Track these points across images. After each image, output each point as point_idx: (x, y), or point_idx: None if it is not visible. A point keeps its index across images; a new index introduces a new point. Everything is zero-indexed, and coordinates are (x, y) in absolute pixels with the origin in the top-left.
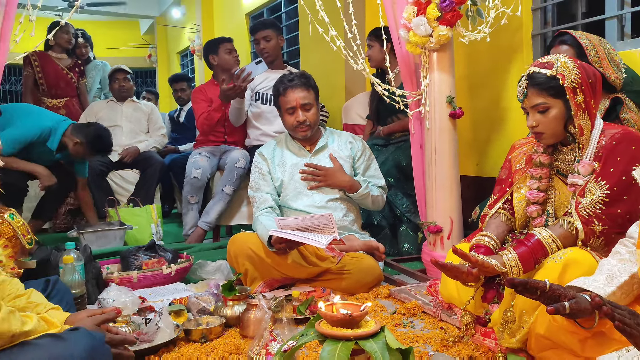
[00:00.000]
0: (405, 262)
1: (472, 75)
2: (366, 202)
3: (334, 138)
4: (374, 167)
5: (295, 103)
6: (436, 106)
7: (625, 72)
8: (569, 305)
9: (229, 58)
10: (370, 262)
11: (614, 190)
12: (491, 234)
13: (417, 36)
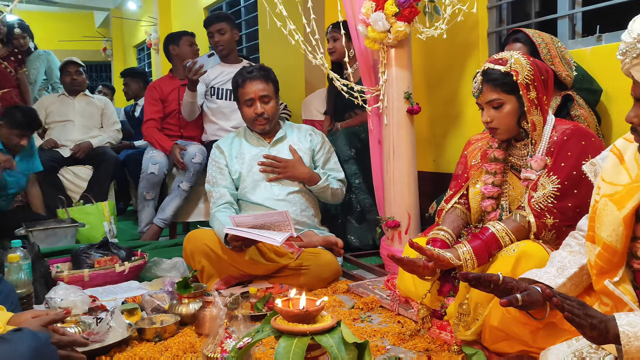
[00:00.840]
0: (364, 257)
1: (429, 71)
2: (325, 195)
3: (293, 130)
4: (334, 160)
5: (254, 95)
6: (394, 102)
7: (575, 70)
8: (521, 297)
9: (189, 50)
10: (329, 258)
11: (564, 184)
12: (447, 228)
13: (375, 32)
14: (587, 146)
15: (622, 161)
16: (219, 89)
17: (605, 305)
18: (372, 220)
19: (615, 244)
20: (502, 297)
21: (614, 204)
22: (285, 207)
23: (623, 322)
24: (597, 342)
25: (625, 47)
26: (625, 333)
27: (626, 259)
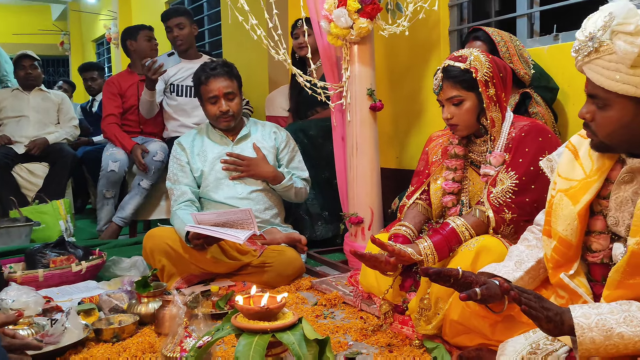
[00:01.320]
0: (327, 253)
1: (392, 68)
2: (289, 194)
3: (257, 128)
4: (298, 159)
5: (218, 92)
6: (357, 98)
7: (533, 68)
8: (480, 291)
9: (147, 45)
10: (292, 255)
11: (522, 179)
12: (409, 224)
13: (338, 28)
14: (544, 142)
15: (577, 157)
16: (178, 85)
17: (561, 297)
18: (314, 215)
19: (570, 238)
20: (461, 291)
21: (569, 198)
22: (248, 205)
23: (578, 313)
24: (552, 334)
25: (578, 44)
26: (580, 324)
27: (581, 253)
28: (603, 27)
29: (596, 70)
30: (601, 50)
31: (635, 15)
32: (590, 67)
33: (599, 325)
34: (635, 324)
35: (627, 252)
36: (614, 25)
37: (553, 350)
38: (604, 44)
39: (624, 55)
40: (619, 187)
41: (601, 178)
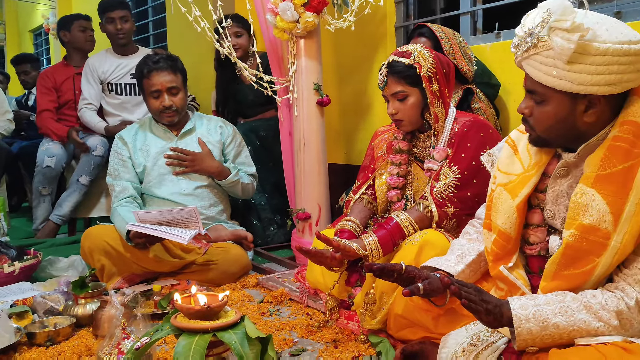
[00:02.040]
0: (275, 250)
1: (340, 64)
2: (236, 190)
3: (202, 122)
4: (245, 154)
5: (161, 87)
6: (304, 93)
7: (476, 65)
8: (422, 286)
9: (81, 36)
10: (238, 252)
11: (464, 174)
12: (354, 219)
13: (284, 21)
14: (485, 138)
15: (516, 152)
16: (116, 84)
17: (500, 290)
18: (266, 219)
19: (509, 231)
20: (405, 286)
21: (509, 192)
22: (192, 201)
23: (516, 305)
24: (492, 326)
25: (518, 40)
26: (518, 316)
27: (519, 245)
28: (541, 24)
29: (534, 65)
30: (539, 46)
31: (572, 13)
32: (529, 62)
33: (535, 316)
34: (569, 314)
35: (562, 244)
36: (551, 21)
37: (493, 342)
38: (542, 40)
39: (561, 51)
40: (555, 181)
41: (539, 172)
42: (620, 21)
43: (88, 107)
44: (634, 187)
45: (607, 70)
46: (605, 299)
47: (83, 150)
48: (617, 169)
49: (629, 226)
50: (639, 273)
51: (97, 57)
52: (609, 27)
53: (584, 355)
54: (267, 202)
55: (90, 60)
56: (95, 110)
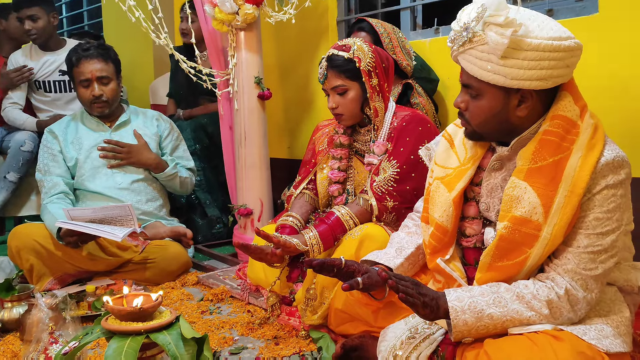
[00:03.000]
0: (217, 247)
1: (282, 58)
2: (174, 184)
3: (138, 115)
4: (183, 148)
5: (91, 75)
6: (245, 87)
7: (415, 60)
8: (361, 280)
9: (18, 27)
10: (177, 250)
11: (403, 168)
12: (296, 214)
13: (223, 13)
14: (424, 132)
15: (453, 145)
16: (45, 82)
17: (438, 282)
18: (212, 217)
19: (446, 224)
20: (345, 280)
21: (445, 186)
22: (128, 196)
23: (452, 297)
24: (429, 318)
25: (454, 35)
26: (454, 308)
27: (456, 238)
28: (476, 18)
29: (470, 60)
30: (474, 40)
31: (506, 8)
32: (465, 57)
33: (471, 308)
34: (503, 304)
35: (496, 236)
36: (486, 16)
37: (430, 334)
38: (477, 35)
39: (495, 46)
40: (490, 174)
41: (474, 166)
42: (551, 18)
43: (13, 106)
44: (563, 179)
45: (538, 66)
46: (536, 288)
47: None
48: (548, 162)
49: (558, 218)
50: (568, 263)
51: (20, 53)
52: (540, 23)
53: (516, 344)
54: (215, 200)
55: (13, 57)
56: (21, 108)
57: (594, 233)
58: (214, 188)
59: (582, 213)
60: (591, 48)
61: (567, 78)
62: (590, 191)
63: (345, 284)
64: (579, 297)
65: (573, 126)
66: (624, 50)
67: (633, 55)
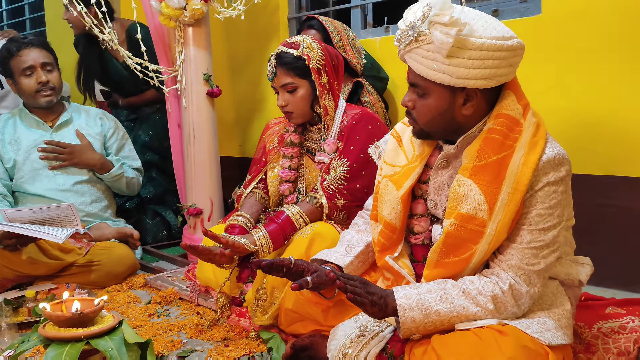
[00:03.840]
0: (165, 247)
1: (232, 54)
2: (120, 185)
3: (80, 114)
4: (129, 147)
5: (34, 62)
6: (193, 84)
7: (365, 58)
8: (311, 279)
9: None
10: (123, 251)
11: (353, 166)
12: (245, 214)
13: (169, 8)
14: (374, 130)
15: (401, 144)
16: None
17: (387, 280)
18: (160, 217)
19: (394, 222)
20: (294, 280)
21: (394, 184)
22: (71, 198)
23: (400, 295)
24: (378, 317)
25: (400, 34)
26: (402, 305)
27: (404, 235)
28: (422, 18)
29: (416, 59)
30: (420, 39)
31: (450, 8)
32: (411, 55)
33: (419, 305)
34: (449, 300)
35: (442, 233)
36: (431, 16)
37: (379, 331)
38: (423, 34)
39: (440, 45)
40: (437, 172)
41: (421, 164)
42: (495, 18)
43: None
44: (507, 177)
45: (482, 65)
46: (482, 284)
47: None
48: (492, 159)
49: (502, 214)
50: (512, 259)
51: None
52: (484, 23)
53: (462, 339)
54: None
55: None
56: None
57: (537, 229)
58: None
59: (524, 209)
60: (534, 48)
61: (511, 77)
62: (533, 188)
63: (294, 283)
64: (522, 292)
65: (516, 124)
66: (566, 51)
67: (574, 56)
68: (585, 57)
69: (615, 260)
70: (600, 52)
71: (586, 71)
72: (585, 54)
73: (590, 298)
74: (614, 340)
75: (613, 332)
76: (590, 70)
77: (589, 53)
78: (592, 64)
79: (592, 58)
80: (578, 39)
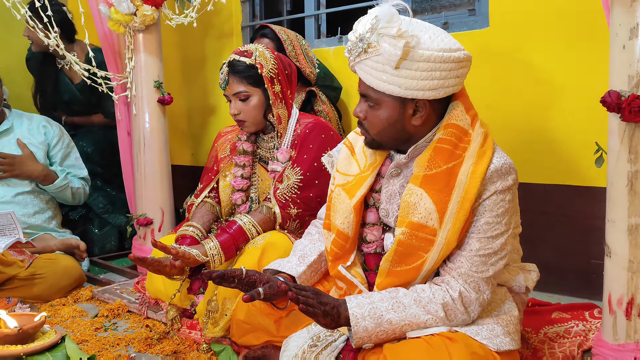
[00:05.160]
0: (114, 259)
1: (185, 61)
2: (65, 196)
3: (22, 122)
4: (75, 156)
5: None
6: (143, 91)
7: (318, 68)
8: (263, 290)
9: None
10: (68, 263)
11: (307, 175)
12: (196, 224)
13: (119, 14)
14: (327, 139)
15: (353, 153)
16: None
17: (340, 289)
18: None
19: (347, 231)
20: (246, 291)
21: (346, 193)
22: (13, 209)
23: (352, 304)
24: (330, 327)
25: (350, 45)
26: (354, 315)
27: (357, 244)
28: (370, 29)
29: (366, 70)
30: (369, 51)
31: (398, 20)
32: (361, 67)
33: (371, 314)
34: (401, 309)
35: (394, 242)
36: (379, 28)
37: (332, 341)
38: (372, 45)
39: (389, 57)
40: (389, 181)
41: (374, 173)
42: (443, 30)
43: None
44: (456, 186)
45: (430, 76)
46: (432, 292)
47: None
48: (442, 169)
49: (452, 223)
50: (461, 267)
51: None
52: (432, 35)
53: (413, 347)
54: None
55: None
56: None
57: (485, 237)
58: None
59: (473, 218)
60: (482, 60)
61: (459, 88)
62: (481, 197)
63: (246, 294)
64: (472, 299)
65: (465, 134)
66: (513, 63)
67: (521, 69)
68: (531, 70)
69: (560, 266)
70: (546, 65)
71: (533, 83)
72: (531, 66)
73: (537, 304)
74: (559, 345)
75: (559, 337)
76: (537, 82)
77: (535, 65)
78: (538, 76)
79: (539, 71)
80: (524, 51)
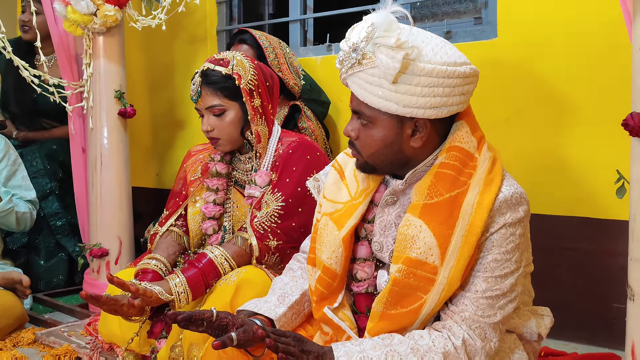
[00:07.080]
0: (62, 296)
1: (151, 69)
2: (8, 222)
3: None
4: (21, 175)
5: None
6: (102, 102)
7: (304, 80)
8: (236, 336)
9: None
10: (8, 300)
11: (289, 202)
12: (160, 256)
13: (77, 13)
14: (312, 161)
15: (343, 177)
16: None
17: (325, 334)
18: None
19: (334, 267)
20: (216, 336)
21: (334, 223)
22: None
23: (340, 353)
24: None
25: (343, 55)
26: None
27: (346, 282)
28: (366, 39)
29: (359, 84)
30: (364, 62)
31: (397, 29)
32: (354, 80)
33: None
34: (396, 359)
35: (389, 280)
36: (376, 37)
37: None
38: (367, 56)
39: (386, 70)
40: (383, 210)
41: (366, 200)
42: (447, 41)
43: None
44: (460, 217)
45: (432, 93)
46: (432, 339)
47: None
48: (444, 197)
49: (455, 260)
50: (465, 310)
51: None
52: (434, 46)
53: None
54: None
55: None
56: None
57: (492, 276)
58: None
59: (479, 254)
60: (490, 75)
61: (464, 107)
62: (488, 230)
63: (216, 340)
64: (477, 348)
65: (470, 159)
66: (523, 79)
67: (532, 86)
68: (544, 87)
69: (576, 310)
70: (561, 82)
71: (546, 102)
72: (544, 83)
73: (551, 353)
74: None
75: None
76: (551, 101)
77: (549, 82)
78: (552, 94)
79: (553, 88)
80: (535, 64)
